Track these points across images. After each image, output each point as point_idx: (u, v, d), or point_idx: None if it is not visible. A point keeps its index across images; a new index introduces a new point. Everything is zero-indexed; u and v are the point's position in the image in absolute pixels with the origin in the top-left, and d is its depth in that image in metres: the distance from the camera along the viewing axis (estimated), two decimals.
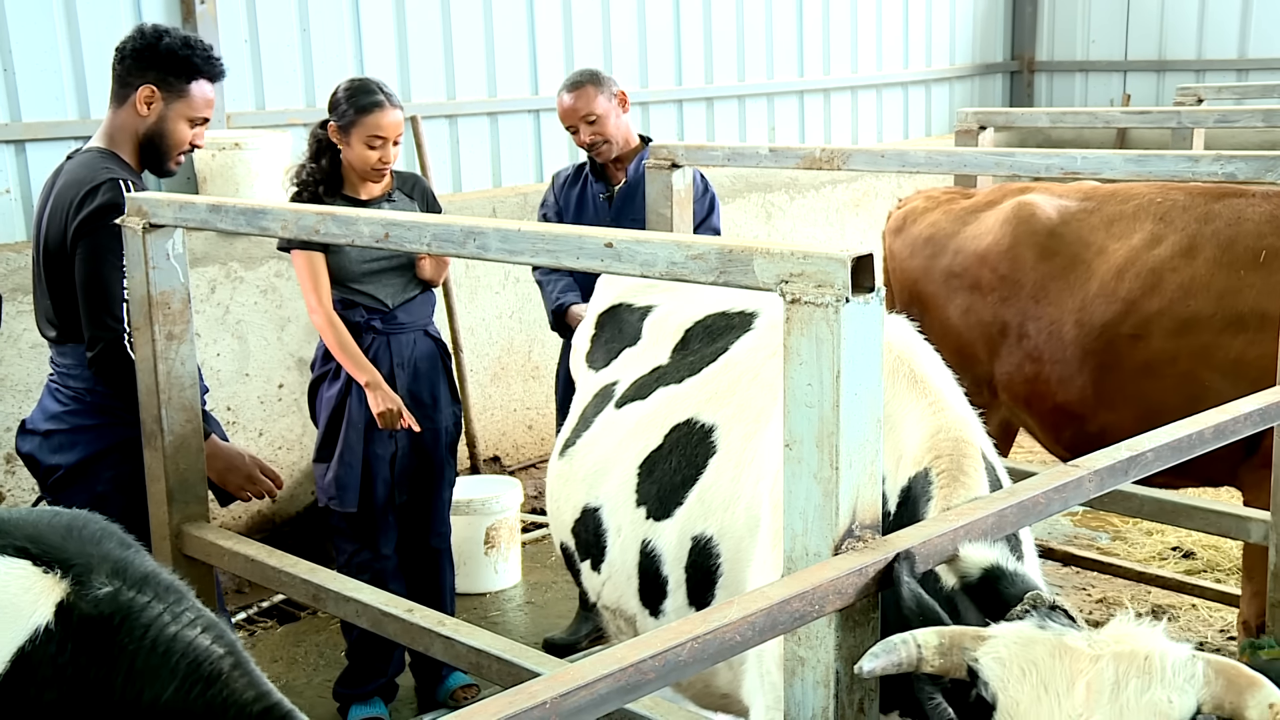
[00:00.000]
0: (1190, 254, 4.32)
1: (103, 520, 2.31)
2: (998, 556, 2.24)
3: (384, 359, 4.54)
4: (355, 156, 4.41)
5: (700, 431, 3.07)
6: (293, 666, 5.14)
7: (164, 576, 2.24)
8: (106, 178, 3.58)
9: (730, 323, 3.36)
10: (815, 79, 9.58)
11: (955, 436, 2.51)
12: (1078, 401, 4.50)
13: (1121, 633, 1.97)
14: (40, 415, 3.80)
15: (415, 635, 3.02)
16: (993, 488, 2.53)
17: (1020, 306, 4.65)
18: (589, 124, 4.95)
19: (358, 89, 4.45)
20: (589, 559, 3.33)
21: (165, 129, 3.74)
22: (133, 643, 2.10)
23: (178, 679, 2.10)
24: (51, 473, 3.74)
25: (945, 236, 4.93)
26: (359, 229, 2.85)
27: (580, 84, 4.98)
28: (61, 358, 3.76)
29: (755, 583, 2.71)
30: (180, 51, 3.70)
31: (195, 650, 2.13)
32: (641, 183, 4.93)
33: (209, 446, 3.65)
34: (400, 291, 4.56)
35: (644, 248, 2.27)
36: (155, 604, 2.15)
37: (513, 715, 1.52)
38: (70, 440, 3.72)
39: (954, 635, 1.96)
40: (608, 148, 5.00)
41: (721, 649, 1.78)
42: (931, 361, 2.77)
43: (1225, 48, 10.32)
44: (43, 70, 5.82)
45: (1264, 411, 2.73)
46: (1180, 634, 5.14)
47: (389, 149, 4.41)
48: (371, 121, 4.37)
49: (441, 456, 4.71)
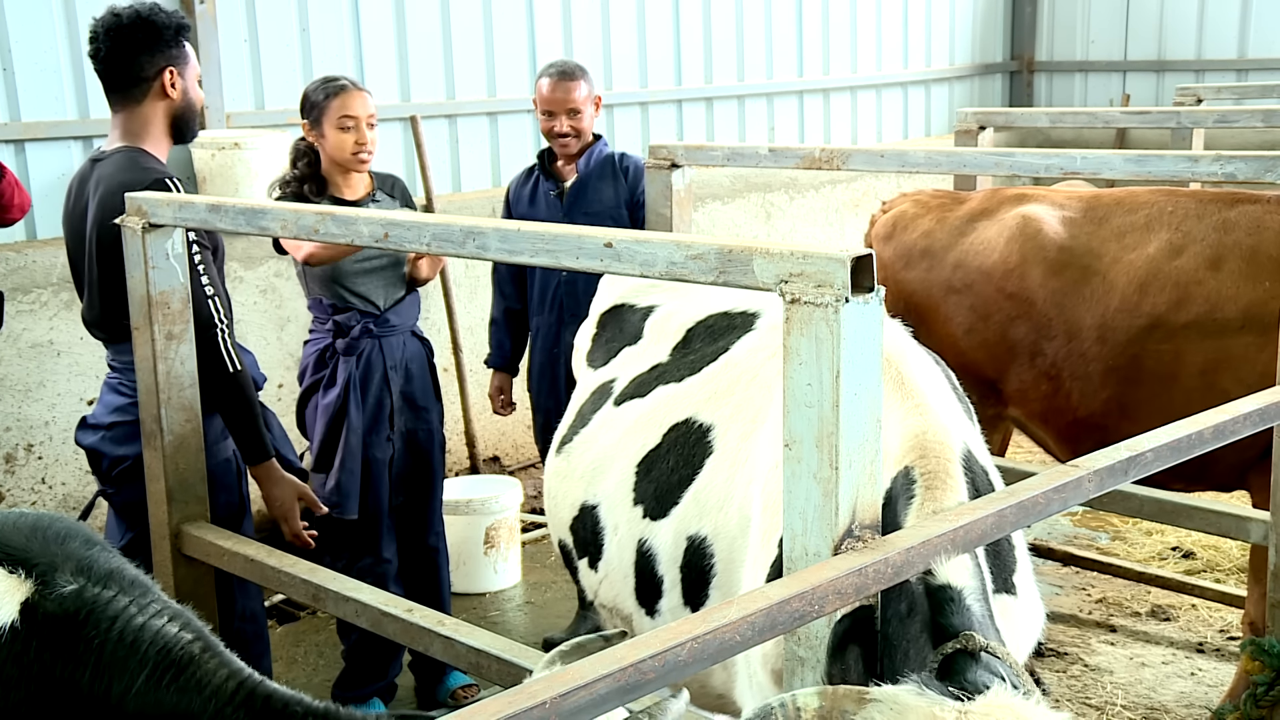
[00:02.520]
0: (1214, 265, 4.29)
1: (68, 520, 2.32)
2: (953, 577, 2.19)
3: (377, 362, 4.52)
4: (332, 146, 4.35)
5: (698, 431, 3.07)
6: (292, 666, 5.14)
7: (129, 571, 2.25)
8: (153, 177, 3.61)
9: (732, 322, 3.36)
10: (815, 79, 9.58)
11: (935, 439, 2.50)
12: (1100, 414, 4.45)
13: (998, 704, 1.92)
14: (104, 410, 3.83)
15: (415, 635, 3.02)
16: (979, 491, 2.52)
17: (1032, 325, 4.60)
18: (570, 115, 4.92)
19: (321, 80, 4.46)
20: (586, 557, 3.33)
21: (190, 99, 3.80)
22: (99, 636, 2.11)
23: (148, 668, 2.11)
24: (117, 464, 3.77)
25: (942, 248, 4.86)
26: (359, 229, 2.85)
27: (574, 74, 4.93)
28: (122, 355, 3.76)
29: (748, 583, 2.72)
30: (161, 18, 3.70)
31: (163, 638, 2.14)
32: (592, 177, 4.96)
33: (265, 470, 3.77)
34: (390, 292, 4.55)
35: (644, 248, 2.27)
36: (120, 598, 2.16)
37: (512, 715, 1.52)
38: (136, 431, 3.71)
39: (836, 697, 1.92)
40: (576, 143, 4.97)
41: (721, 649, 1.78)
42: (921, 365, 2.77)
43: (1225, 48, 10.32)
44: (42, 70, 5.82)
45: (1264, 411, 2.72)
46: (1180, 634, 5.15)
47: (363, 130, 4.35)
48: (338, 104, 4.33)
49: (435, 457, 4.72)
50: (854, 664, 2.10)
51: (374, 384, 4.54)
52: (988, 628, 2.17)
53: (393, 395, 4.55)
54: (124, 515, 3.80)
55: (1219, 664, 4.88)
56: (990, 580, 2.40)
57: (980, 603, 2.20)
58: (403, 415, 4.61)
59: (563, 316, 5.02)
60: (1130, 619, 5.29)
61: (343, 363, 4.51)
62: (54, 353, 5.46)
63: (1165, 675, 4.82)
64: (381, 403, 4.55)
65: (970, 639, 2.07)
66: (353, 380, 4.50)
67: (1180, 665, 4.90)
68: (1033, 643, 2.71)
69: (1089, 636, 5.14)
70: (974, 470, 2.57)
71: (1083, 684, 4.77)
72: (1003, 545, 2.55)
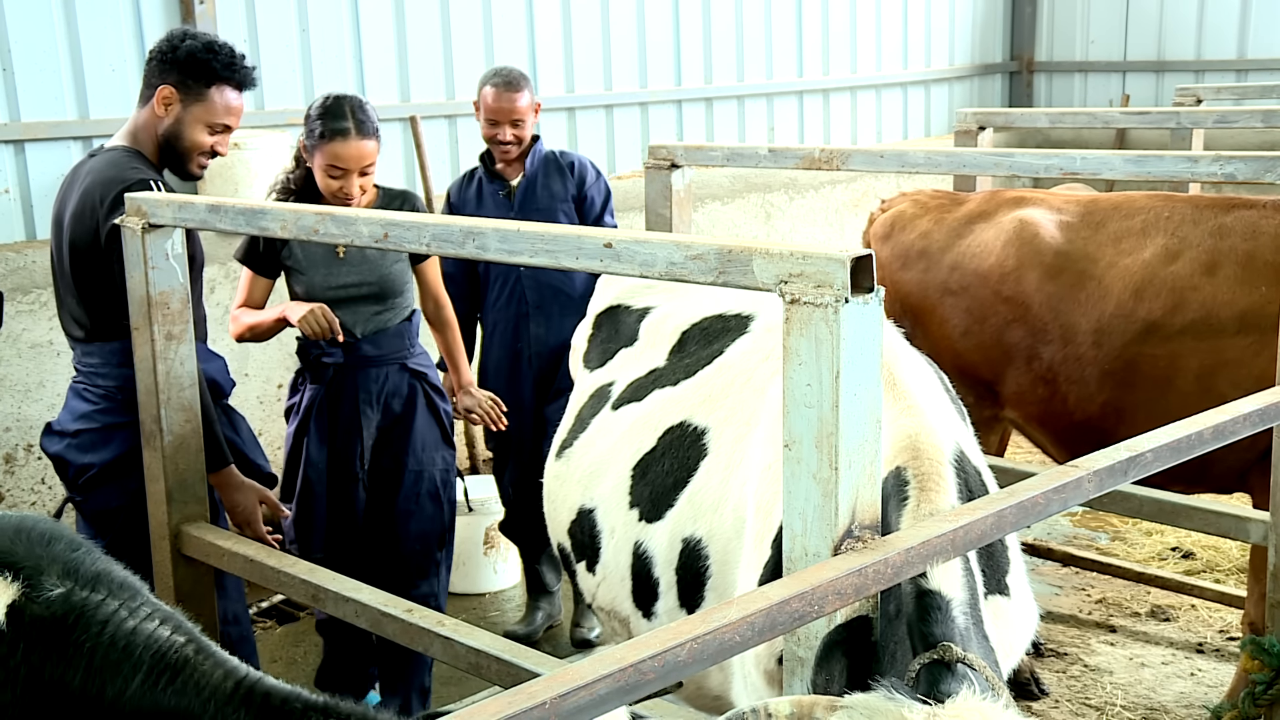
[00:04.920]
0: (1210, 270, 4.29)
1: (51, 521, 2.31)
2: (944, 585, 2.20)
3: (349, 394, 4.29)
4: (320, 182, 4.18)
5: (693, 434, 3.08)
6: (292, 666, 5.14)
7: (117, 573, 2.24)
8: (136, 177, 3.59)
9: (727, 325, 3.36)
10: (814, 79, 9.58)
11: (927, 440, 2.50)
12: (1097, 418, 4.46)
13: (966, 707, 1.93)
14: (69, 416, 3.79)
15: (415, 635, 3.02)
16: (971, 491, 2.53)
17: (1028, 328, 4.61)
18: (514, 125, 4.92)
19: (328, 110, 4.13)
20: (584, 560, 3.34)
21: (181, 132, 3.72)
22: (90, 640, 2.10)
23: (142, 671, 2.10)
24: (84, 472, 3.73)
25: (939, 250, 4.87)
26: (358, 229, 2.85)
27: (517, 85, 4.92)
28: (89, 357, 3.75)
29: (742, 585, 2.72)
30: (200, 55, 3.69)
31: (157, 641, 2.13)
32: (539, 176, 4.99)
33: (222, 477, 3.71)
34: (372, 321, 4.31)
35: (643, 248, 2.27)
36: (110, 601, 2.15)
37: (512, 715, 1.52)
38: (104, 438, 3.71)
39: (807, 705, 1.93)
40: (518, 149, 4.99)
41: (721, 649, 1.78)
42: (912, 366, 2.77)
43: (1224, 48, 10.32)
44: (42, 70, 5.82)
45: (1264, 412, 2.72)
46: (1180, 634, 5.15)
47: (351, 180, 4.11)
48: (330, 150, 4.09)
49: (425, 504, 4.39)
50: (839, 675, 2.10)
51: (342, 417, 4.30)
52: (970, 640, 2.17)
53: (364, 432, 4.31)
54: (93, 522, 3.76)
55: (1219, 664, 4.88)
56: (983, 584, 2.40)
57: (966, 614, 2.20)
58: (383, 455, 4.35)
59: (523, 310, 5.03)
60: (1130, 619, 5.29)
61: (309, 390, 4.35)
62: (54, 353, 5.46)
63: (1165, 675, 4.82)
64: (350, 439, 4.31)
65: (947, 650, 2.07)
66: (316, 410, 4.31)
67: (1180, 665, 4.90)
68: (1026, 643, 2.72)
69: (1089, 637, 5.14)
70: (966, 471, 2.57)
71: (1082, 684, 4.77)
72: (996, 546, 2.55)
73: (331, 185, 4.14)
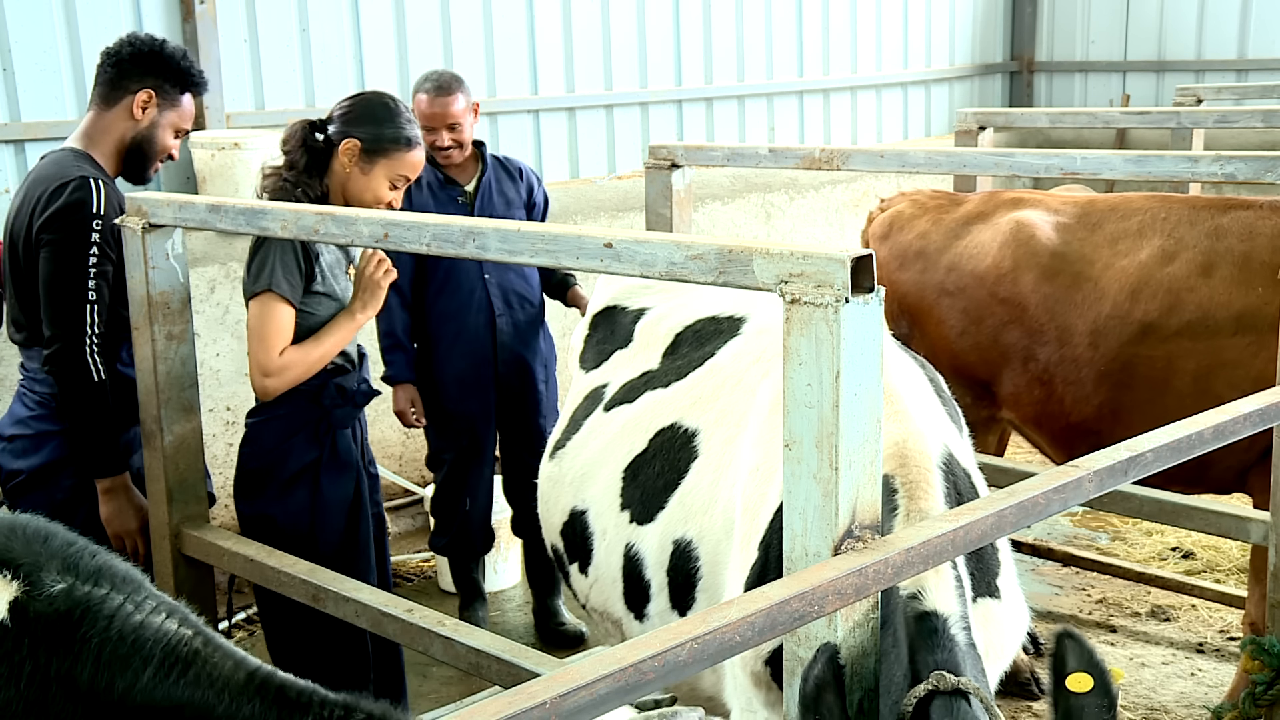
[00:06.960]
0: (1206, 271, 4.30)
1: (43, 520, 2.30)
2: (939, 603, 2.20)
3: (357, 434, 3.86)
4: (366, 188, 3.70)
5: (683, 436, 3.08)
6: None
7: (118, 566, 2.24)
8: (76, 175, 3.56)
9: (719, 327, 3.37)
10: (815, 79, 9.58)
11: (914, 447, 2.50)
12: (1093, 419, 4.46)
13: None
14: (8, 420, 3.77)
15: (414, 635, 3.02)
16: (961, 495, 2.53)
17: (1025, 330, 4.60)
18: (451, 130, 4.87)
19: (406, 117, 3.78)
20: (577, 562, 3.35)
21: (155, 135, 3.76)
22: (97, 635, 2.10)
23: (153, 664, 2.10)
24: (12, 478, 3.69)
25: (937, 251, 4.87)
26: (358, 229, 2.85)
27: (449, 88, 4.86)
28: (29, 361, 3.73)
29: (731, 586, 2.72)
30: (181, 62, 3.77)
31: (165, 634, 2.13)
32: (493, 180, 4.99)
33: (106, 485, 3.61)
34: None
35: (643, 248, 2.27)
36: (114, 595, 2.15)
37: (512, 715, 1.52)
38: (33, 445, 3.67)
39: None
40: (460, 153, 4.95)
41: (721, 649, 1.78)
42: (902, 369, 2.77)
43: (1225, 48, 10.32)
44: (42, 70, 5.82)
45: (1264, 412, 2.72)
46: (1180, 634, 5.15)
47: (401, 192, 3.81)
48: (410, 160, 3.74)
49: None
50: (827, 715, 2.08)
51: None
52: (967, 660, 2.17)
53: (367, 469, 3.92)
54: None
55: (1219, 664, 4.88)
56: (971, 587, 2.40)
57: (964, 630, 2.21)
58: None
59: (492, 317, 4.97)
60: (1130, 619, 5.29)
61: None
62: None
63: (1165, 675, 4.82)
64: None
65: (942, 679, 2.08)
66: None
67: (1180, 666, 4.90)
68: (1018, 645, 2.72)
69: (1089, 637, 5.14)
70: (955, 474, 2.57)
71: None
72: (985, 548, 2.55)
73: (385, 196, 3.73)
